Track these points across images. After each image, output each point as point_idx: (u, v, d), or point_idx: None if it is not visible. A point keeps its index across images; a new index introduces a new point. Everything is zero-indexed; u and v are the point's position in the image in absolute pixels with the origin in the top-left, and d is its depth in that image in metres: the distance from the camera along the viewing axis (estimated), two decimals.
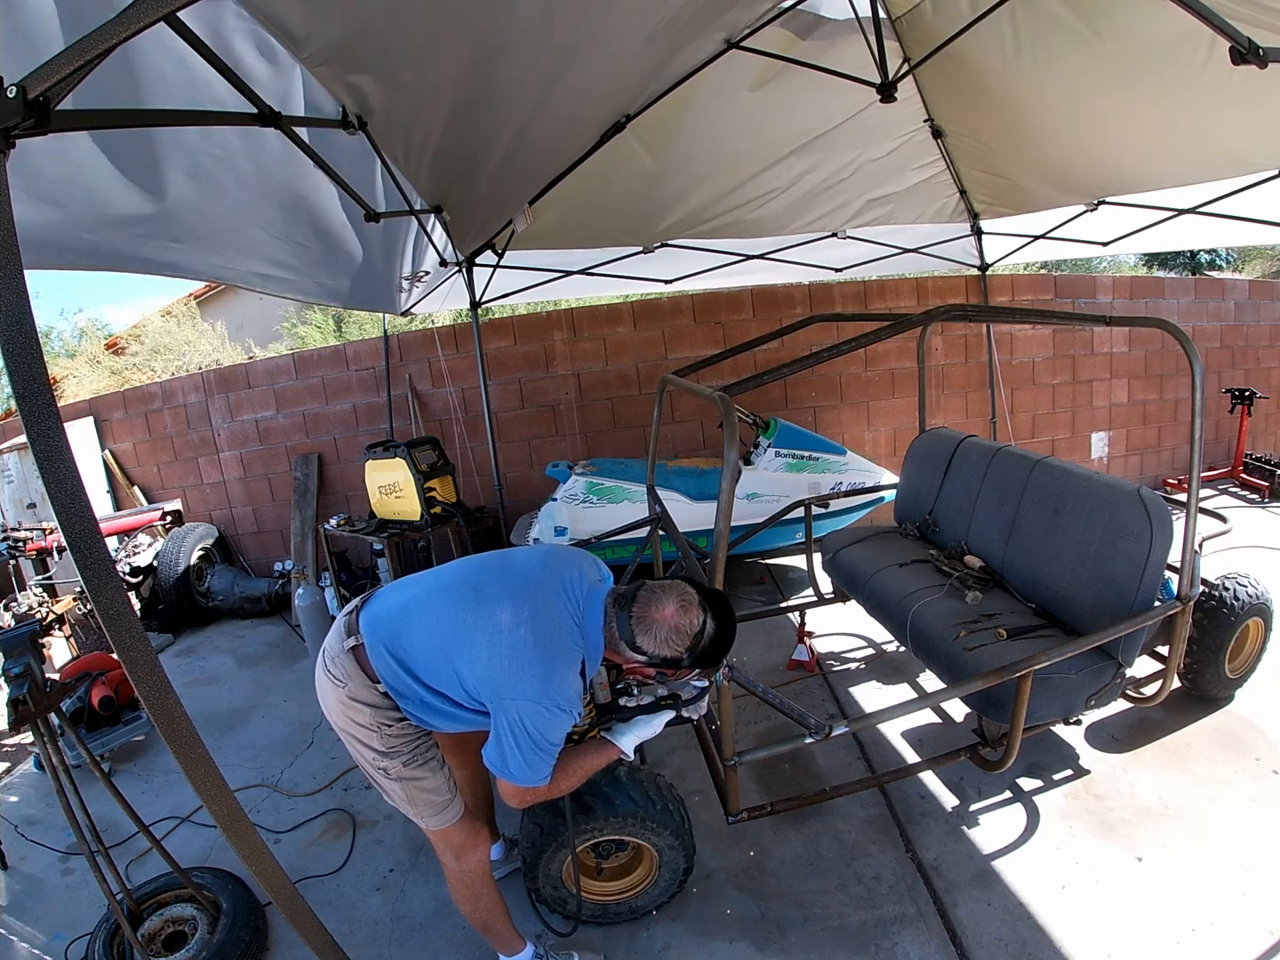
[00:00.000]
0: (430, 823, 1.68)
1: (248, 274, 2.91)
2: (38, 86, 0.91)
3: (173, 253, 2.42)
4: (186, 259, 2.52)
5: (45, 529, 4.35)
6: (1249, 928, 1.86)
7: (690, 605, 1.47)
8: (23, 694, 1.93)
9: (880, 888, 2.13)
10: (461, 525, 4.02)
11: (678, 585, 1.50)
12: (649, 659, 1.48)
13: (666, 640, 1.45)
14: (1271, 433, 6.17)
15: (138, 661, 0.97)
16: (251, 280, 2.96)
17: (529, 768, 1.47)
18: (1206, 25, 1.54)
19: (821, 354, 1.92)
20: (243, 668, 4.12)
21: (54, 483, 0.90)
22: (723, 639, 1.50)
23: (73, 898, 2.38)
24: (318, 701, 1.67)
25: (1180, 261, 10.58)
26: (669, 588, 1.49)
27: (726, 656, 1.57)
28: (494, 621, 1.48)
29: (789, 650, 3.47)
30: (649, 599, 1.47)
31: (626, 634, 1.47)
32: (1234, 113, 2.64)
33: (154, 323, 8.36)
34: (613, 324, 5.25)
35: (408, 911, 2.20)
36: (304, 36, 1.62)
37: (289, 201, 2.42)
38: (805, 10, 2.84)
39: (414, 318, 5.79)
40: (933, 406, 5.36)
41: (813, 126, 3.45)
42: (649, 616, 1.45)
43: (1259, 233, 3.80)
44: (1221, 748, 2.58)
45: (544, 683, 1.43)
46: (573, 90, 2.65)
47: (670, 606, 1.45)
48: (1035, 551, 2.55)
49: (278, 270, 2.95)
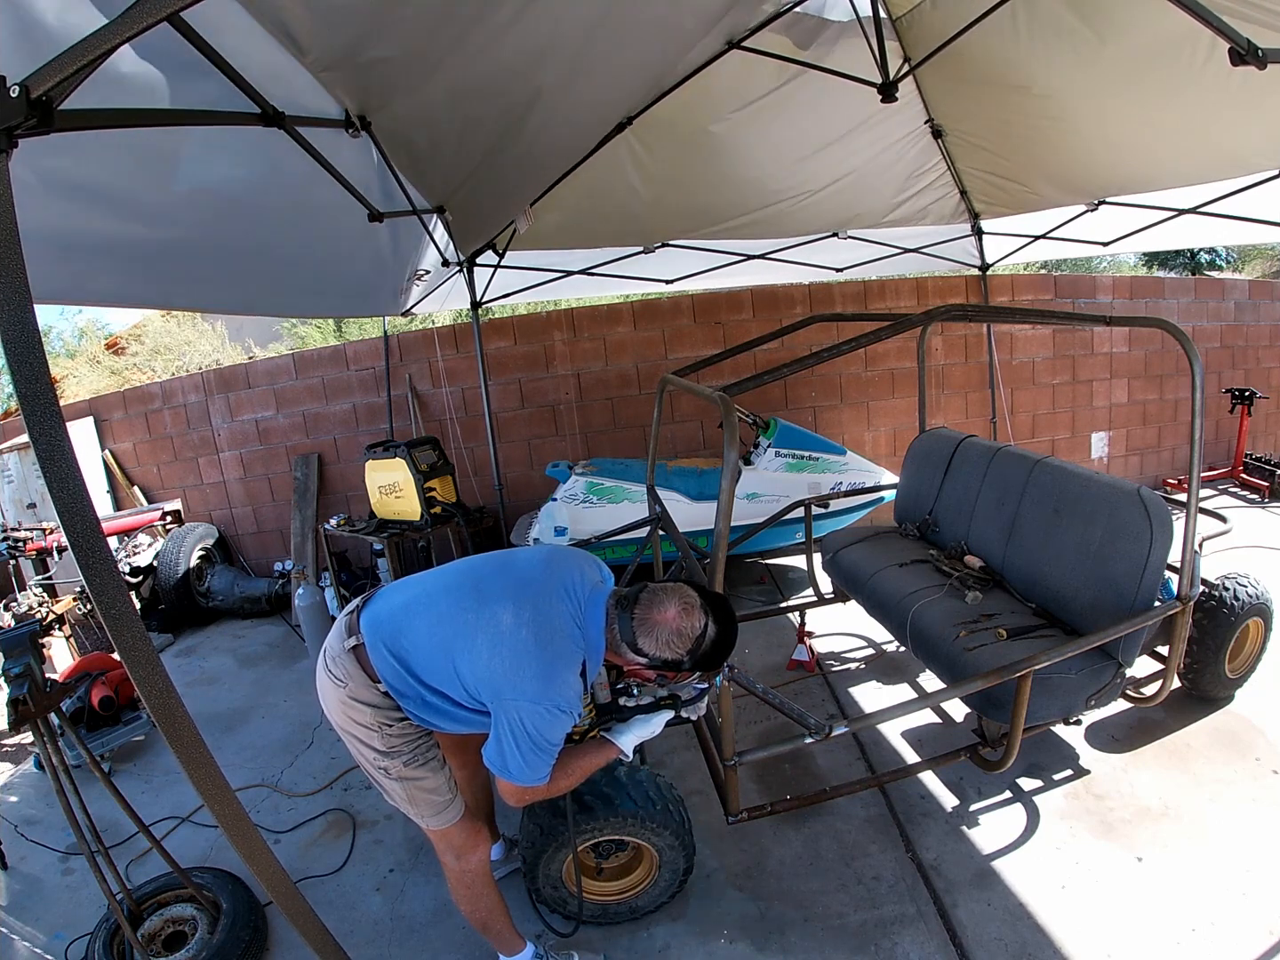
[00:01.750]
0: (431, 823, 1.68)
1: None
2: (40, 86, 0.91)
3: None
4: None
5: (45, 529, 4.35)
6: (1249, 928, 1.86)
7: (692, 608, 1.46)
8: (23, 694, 1.93)
9: (880, 888, 2.13)
10: (461, 525, 4.03)
11: (680, 588, 1.50)
12: (650, 661, 1.48)
13: (668, 643, 1.45)
14: (1271, 433, 6.17)
15: (139, 661, 0.97)
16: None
17: (528, 767, 1.47)
18: (1205, 26, 1.54)
19: (821, 354, 1.92)
20: (243, 668, 4.12)
21: (56, 482, 0.90)
22: (724, 642, 1.50)
23: (73, 898, 2.38)
24: (318, 701, 1.67)
25: (1180, 261, 10.57)
26: (671, 590, 1.48)
27: (728, 659, 1.57)
28: (495, 622, 1.48)
29: (789, 650, 3.47)
30: (651, 601, 1.47)
31: (628, 635, 1.47)
32: (1234, 113, 2.64)
33: (154, 323, 8.37)
34: (613, 324, 5.25)
35: (408, 911, 2.20)
36: (307, 42, 1.62)
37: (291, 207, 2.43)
38: (806, 13, 2.84)
39: (414, 318, 5.79)
40: (933, 406, 5.36)
41: (814, 131, 3.45)
42: (650, 619, 1.45)
43: (1259, 232, 3.80)
44: (1221, 748, 2.58)
45: (545, 684, 1.43)
46: (575, 91, 2.65)
47: (672, 609, 1.45)
48: (1035, 551, 2.55)
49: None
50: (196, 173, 1.89)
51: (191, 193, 1.97)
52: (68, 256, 1.94)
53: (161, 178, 1.84)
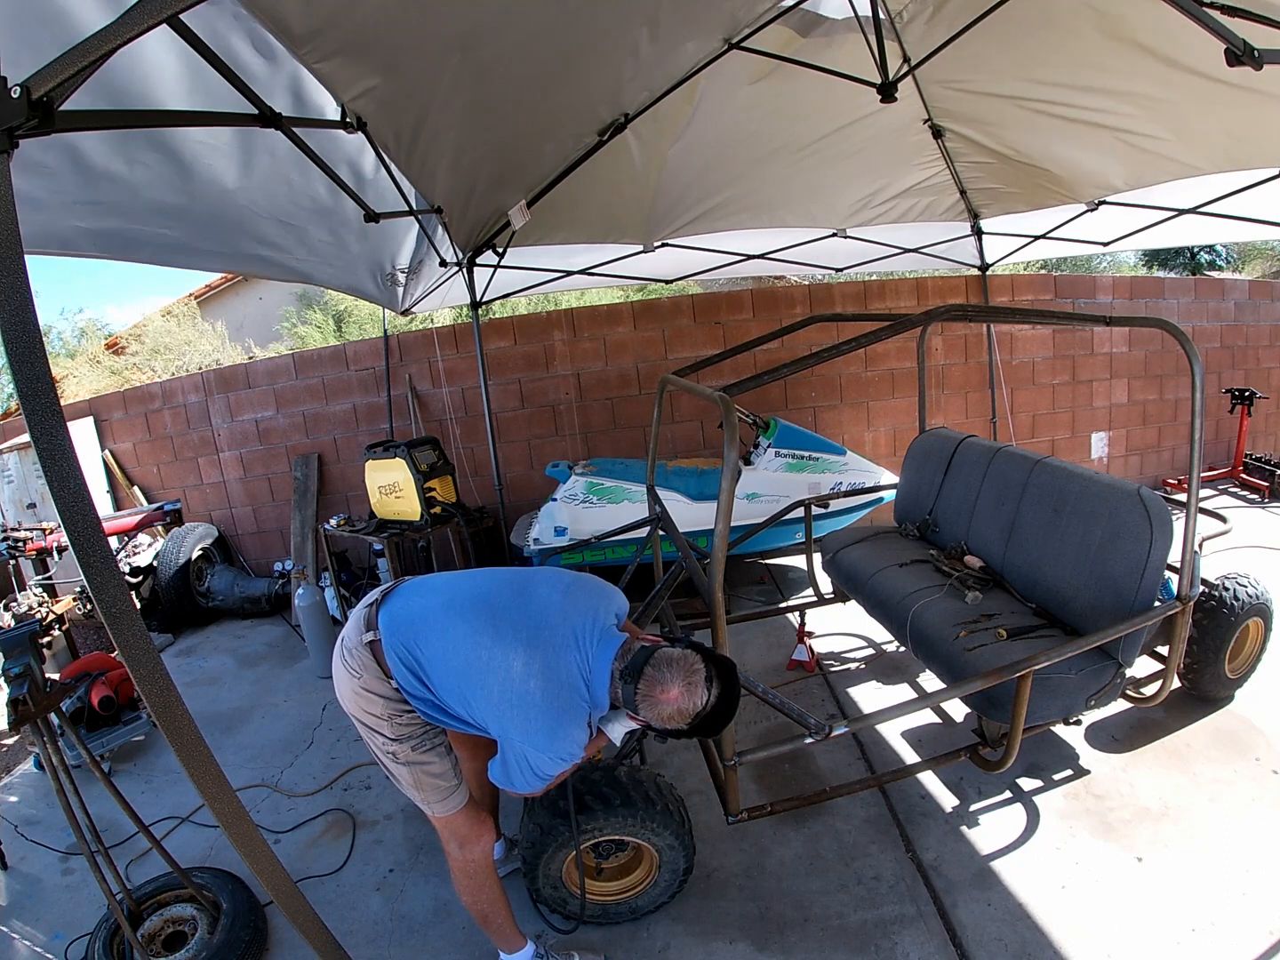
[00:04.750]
0: (436, 809, 1.70)
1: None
2: (41, 87, 0.92)
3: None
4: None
5: (45, 529, 4.34)
6: (1249, 928, 1.87)
7: (696, 686, 1.44)
8: (23, 694, 1.93)
9: (880, 888, 2.13)
10: (461, 525, 4.03)
11: (686, 660, 1.47)
12: (649, 725, 1.52)
13: (669, 719, 1.46)
14: (1271, 433, 6.17)
15: (140, 659, 0.98)
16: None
17: (530, 787, 1.57)
18: (1201, 27, 1.54)
19: (821, 354, 1.92)
20: (243, 668, 4.12)
21: (57, 480, 0.90)
22: (724, 713, 1.49)
23: (73, 898, 2.38)
24: (330, 693, 1.68)
25: (1180, 261, 10.58)
26: (677, 665, 1.46)
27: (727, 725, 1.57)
28: (507, 667, 1.50)
29: (789, 650, 3.47)
30: (655, 679, 1.45)
31: (630, 704, 1.49)
32: (1234, 113, 2.64)
33: (154, 322, 8.36)
34: (613, 324, 5.25)
35: (408, 911, 2.20)
36: (303, 34, 1.62)
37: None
38: (805, 9, 2.84)
39: (414, 317, 5.79)
40: (933, 406, 5.37)
41: (812, 122, 3.44)
42: (654, 696, 1.45)
43: (1259, 231, 3.80)
44: (1221, 748, 2.58)
45: (550, 738, 1.49)
46: (574, 91, 2.65)
47: (675, 688, 1.44)
48: (1035, 551, 2.55)
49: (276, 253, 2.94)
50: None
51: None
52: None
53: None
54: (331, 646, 1.72)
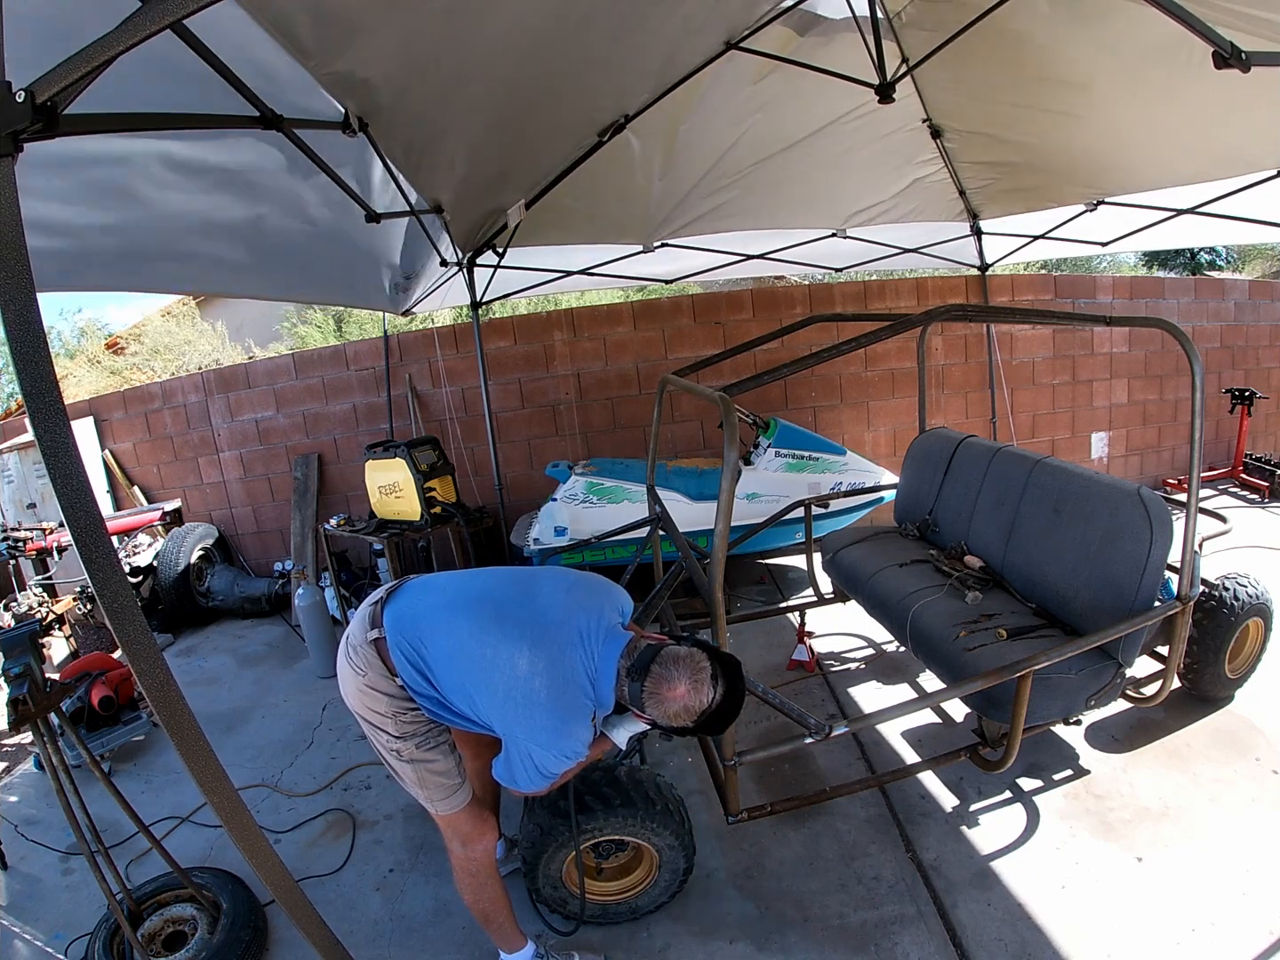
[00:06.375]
0: (440, 807, 1.71)
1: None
2: (46, 91, 0.92)
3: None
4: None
5: (45, 529, 4.35)
6: (1249, 928, 1.87)
7: (702, 684, 1.45)
8: (23, 694, 1.93)
9: (880, 888, 2.13)
10: (461, 525, 4.03)
11: (693, 659, 1.47)
12: (655, 723, 1.52)
13: (675, 716, 1.46)
14: (1271, 433, 6.17)
15: (142, 657, 0.98)
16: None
17: (534, 785, 1.57)
18: (1188, 30, 1.54)
19: (821, 354, 1.92)
20: (243, 668, 4.12)
21: (60, 478, 0.91)
22: (730, 710, 1.49)
23: (73, 898, 2.38)
24: (330, 692, 1.68)
25: (1180, 261, 10.57)
26: (684, 663, 1.46)
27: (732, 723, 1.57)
28: (512, 665, 1.50)
29: (789, 650, 3.47)
30: (662, 677, 1.45)
31: (636, 702, 1.49)
32: (1233, 113, 2.64)
33: (154, 323, 8.36)
34: (613, 324, 5.25)
35: (408, 911, 2.20)
36: (311, 46, 1.63)
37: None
38: (804, 9, 2.84)
39: (414, 317, 5.80)
40: (933, 406, 5.37)
41: (812, 122, 3.44)
42: (660, 694, 1.45)
43: (1259, 232, 3.80)
44: (1221, 748, 2.58)
45: (555, 736, 1.50)
46: (574, 92, 2.65)
47: (682, 686, 1.44)
48: (1035, 551, 2.55)
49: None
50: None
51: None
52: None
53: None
54: (332, 646, 1.73)
